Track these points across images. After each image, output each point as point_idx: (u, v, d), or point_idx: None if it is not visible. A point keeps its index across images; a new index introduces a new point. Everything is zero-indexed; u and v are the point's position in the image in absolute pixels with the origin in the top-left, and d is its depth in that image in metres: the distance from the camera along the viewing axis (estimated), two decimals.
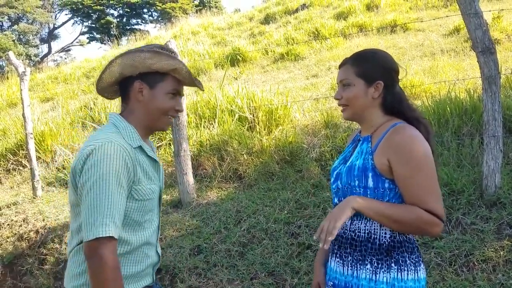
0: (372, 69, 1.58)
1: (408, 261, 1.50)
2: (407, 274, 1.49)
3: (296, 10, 13.56)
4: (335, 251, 1.61)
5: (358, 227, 1.55)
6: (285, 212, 3.67)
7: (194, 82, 1.63)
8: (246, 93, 5.52)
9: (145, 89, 1.56)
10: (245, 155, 4.60)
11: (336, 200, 1.66)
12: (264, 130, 5.01)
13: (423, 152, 1.47)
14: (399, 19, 9.68)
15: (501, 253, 2.64)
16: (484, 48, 2.88)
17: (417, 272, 1.50)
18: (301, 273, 3.02)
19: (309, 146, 4.50)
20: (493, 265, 2.61)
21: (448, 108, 4.05)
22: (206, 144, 4.93)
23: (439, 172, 3.26)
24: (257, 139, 4.74)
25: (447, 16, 5.37)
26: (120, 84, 1.62)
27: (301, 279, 2.97)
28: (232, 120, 5.16)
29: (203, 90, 1.77)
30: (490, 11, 6.36)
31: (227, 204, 4.04)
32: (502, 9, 6.84)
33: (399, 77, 1.64)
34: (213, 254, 3.43)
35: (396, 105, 1.59)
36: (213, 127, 5.23)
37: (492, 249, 2.68)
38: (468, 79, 5.00)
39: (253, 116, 5.17)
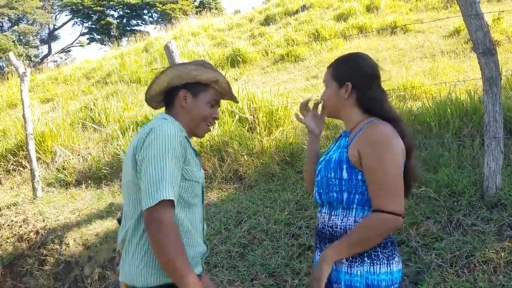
0: (344, 72, 1.70)
1: (380, 256, 1.57)
2: (380, 268, 1.56)
3: (296, 12, 13.55)
4: (317, 245, 1.71)
5: (335, 223, 1.63)
6: (286, 213, 3.66)
7: (231, 93, 1.84)
8: (246, 94, 5.51)
9: (189, 97, 1.74)
10: (245, 156, 4.60)
11: (315, 191, 1.74)
12: (265, 131, 5.01)
13: (395, 149, 1.55)
14: (399, 20, 9.67)
15: (502, 254, 2.64)
16: (485, 49, 2.88)
17: (389, 266, 1.57)
18: (302, 274, 3.02)
19: None
20: (494, 267, 2.60)
21: (448, 109, 4.05)
22: (207, 145, 4.93)
23: (440, 174, 3.27)
24: (257, 140, 4.74)
25: (447, 18, 5.37)
26: (166, 93, 1.79)
27: (301, 280, 2.97)
28: (233, 121, 5.16)
29: (237, 102, 1.95)
30: (490, 12, 6.36)
31: (227, 205, 4.04)
32: (502, 11, 6.84)
33: (383, 79, 1.73)
34: (214, 255, 3.43)
35: (372, 106, 1.67)
36: (213, 128, 5.22)
37: (493, 251, 2.68)
38: (469, 81, 5.00)
39: (254, 117, 5.17)
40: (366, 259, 1.56)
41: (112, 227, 4.26)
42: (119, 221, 1.72)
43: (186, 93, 1.73)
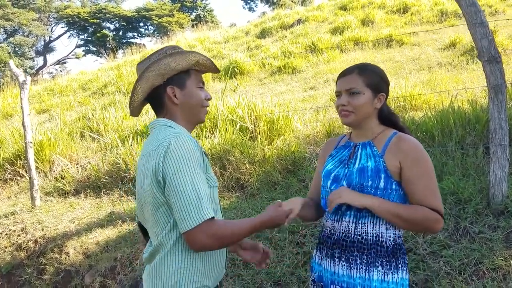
0: (376, 81, 1.69)
1: (406, 262, 1.66)
2: (405, 273, 1.64)
3: (292, 25, 13.69)
4: (337, 254, 1.66)
5: (365, 230, 1.63)
6: None
7: (214, 67, 1.74)
8: (247, 103, 5.52)
9: (177, 92, 1.64)
10: (247, 165, 4.58)
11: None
12: (266, 139, 5.00)
13: (429, 157, 1.64)
14: (394, 33, 9.80)
15: (511, 261, 2.63)
16: (490, 57, 2.91)
17: (407, 271, 1.67)
18: (307, 282, 2.99)
19: (311, 156, 4.50)
20: (503, 274, 2.59)
21: (451, 119, 4.07)
22: (208, 153, 4.90)
23: (445, 182, 3.27)
24: (259, 148, 4.73)
25: (451, 26, 5.44)
26: (149, 97, 1.67)
27: None
28: (234, 130, 5.15)
29: (219, 72, 1.84)
30: (494, 21, 6.47)
31: (230, 213, 4.01)
32: (497, 20, 6.96)
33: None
34: None
35: (390, 116, 1.75)
36: (214, 136, 5.21)
37: (501, 258, 2.67)
38: (471, 89, 5.04)
39: (254, 126, 5.17)
40: (400, 265, 1.62)
41: (113, 235, 4.21)
42: (140, 224, 1.69)
43: (172, 89, 1.62)
